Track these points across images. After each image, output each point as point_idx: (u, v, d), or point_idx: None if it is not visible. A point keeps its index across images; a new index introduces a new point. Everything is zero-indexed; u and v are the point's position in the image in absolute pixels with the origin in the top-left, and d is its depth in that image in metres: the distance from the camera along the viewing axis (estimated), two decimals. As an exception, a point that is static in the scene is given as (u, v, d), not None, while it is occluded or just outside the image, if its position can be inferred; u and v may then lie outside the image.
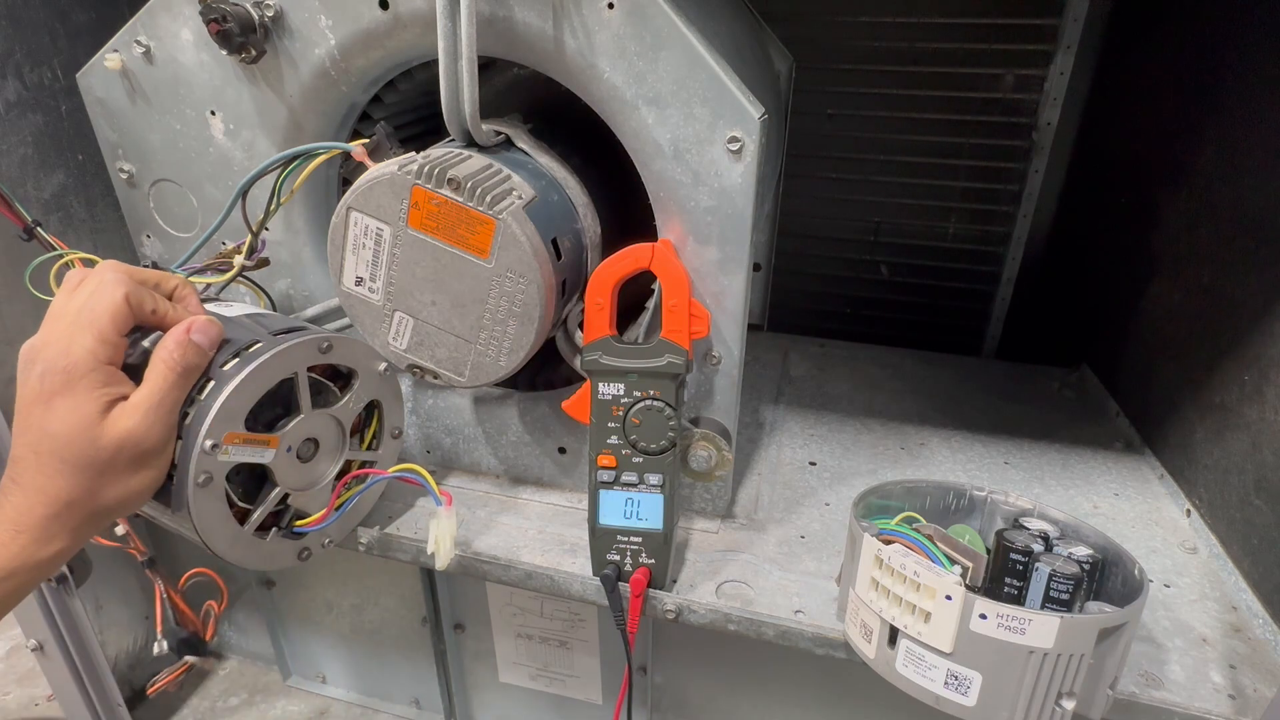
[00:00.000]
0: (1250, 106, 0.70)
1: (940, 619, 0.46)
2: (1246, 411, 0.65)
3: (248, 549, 0.54)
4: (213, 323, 0.50)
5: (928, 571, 0.46)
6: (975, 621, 0.45)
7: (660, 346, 0.55)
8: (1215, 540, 0.67)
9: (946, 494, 0.59)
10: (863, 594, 0.51)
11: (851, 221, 1.17)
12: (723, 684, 0.78)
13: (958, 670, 0.46)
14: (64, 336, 0.45)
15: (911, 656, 0.48)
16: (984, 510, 0.58)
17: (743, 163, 0.53)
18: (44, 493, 0.44)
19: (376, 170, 0.53)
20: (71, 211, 0.77)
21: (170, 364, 0.47)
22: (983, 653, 0.45)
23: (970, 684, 0.46)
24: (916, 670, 0.48)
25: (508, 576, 0.63)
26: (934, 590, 0.46)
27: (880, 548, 0.49)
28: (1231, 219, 0.71)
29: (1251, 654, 0.56)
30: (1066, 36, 0.98)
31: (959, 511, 0.59)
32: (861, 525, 0.52)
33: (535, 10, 0.53)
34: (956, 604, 0.45)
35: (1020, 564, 0.51)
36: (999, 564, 0.52)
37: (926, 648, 0.47)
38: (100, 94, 0.65)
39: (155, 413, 0.46)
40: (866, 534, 0.50)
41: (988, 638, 0.45)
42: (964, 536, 0.54)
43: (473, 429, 0.72)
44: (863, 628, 0.51)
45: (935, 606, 0.46)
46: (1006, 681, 0.46)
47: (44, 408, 0.44)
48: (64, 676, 0.79)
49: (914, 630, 0.47)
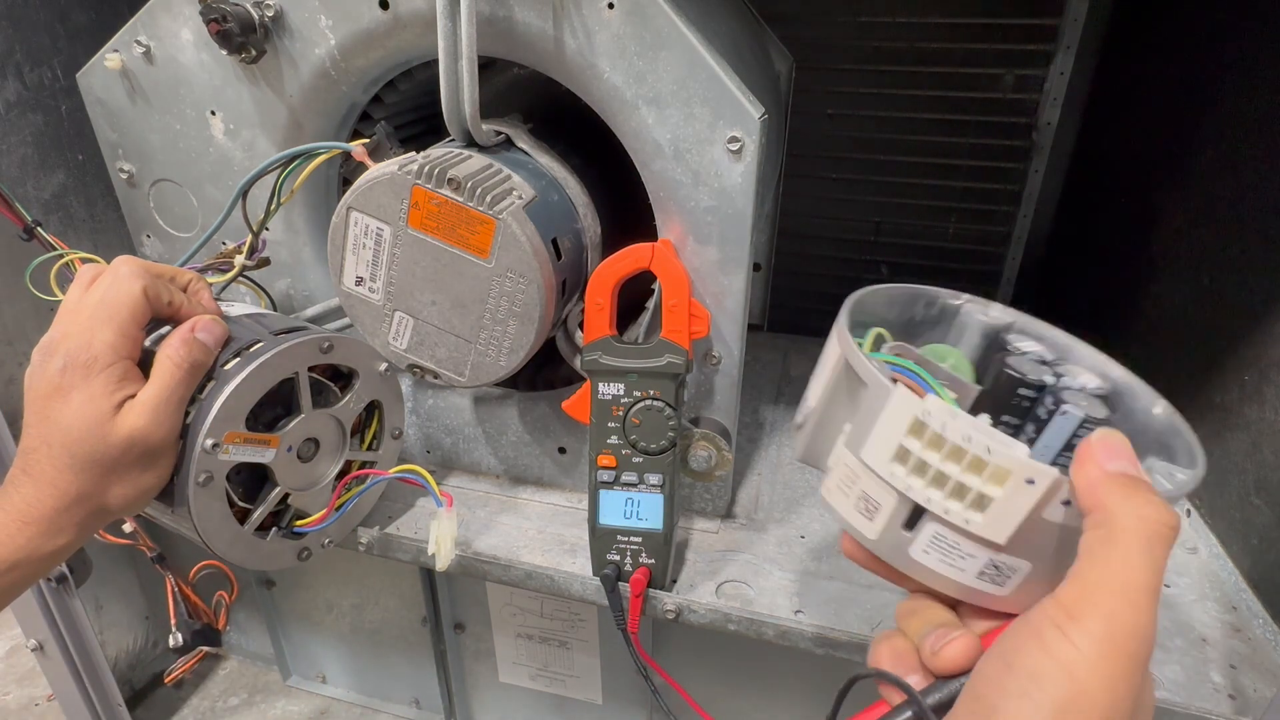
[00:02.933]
0: (1250, 106, 0.70)
1: (1006, 507, 0.33)
2: (1246, 411, 0.65)
3: (248, 549, 0.55)
4: (218, 321, 0.51)
5: (1002, 447, 0.33)
6: (1053, 509, 0.33)
7: (660, 346, 0.55)
8: (1215, 540, 0.67)
9: (917, 301, 0.46)
10: (876, 464, 0.36)
11: (851, 221, 1.16)
12: (723, 684, 0.78)
13: (1003, 561, 0.35)
14: (85, 330, 0.45)
15: (939, 544, 0.36)
16: (954, 322, 0.47)
17: (743, 163, 0.53)
18: (54, 486, 0.44)
19: (376, 170, 0.53)
20: (71, 211, 0.77)
21: (176, 361, 0.47)
22: (1044, 543, 0.34)
23: (1013, 575, 0.35)
24: (943, 560, 0.36)
25: (508, 576, 0.63)
26: (1008, 473, 0.33)
27: (926, 408, 0.34)
28: (1231, 219, 0.71)
29: (1251, 654, 0.56)
30: (1066, 36, 0.98)
31: (925, 323, 0.47)
32: (874, 365, 0.37)
33: (535, 10, 0.53)
34: (1037, 490, 0.33)
35: (1028, 400, 0.40)
36: (998, 398, 0.41)
37: (969, 537, 0.35)
38: (100, 94, 0.65)
39: (162, 410, 0.46)
40: (898, 387, 0.35)
41: (1057, 525, 0.33)
42: (946, 360, 0.43)
43: (473, 429, 0.72)
44: (864, 501, 0.38)
45: (1005, 493, 0.33)
46: (1057, 570, 0.33)
47: (61, 400, 0.44)
48: (64, 676, 0.79)
49: (958, 517, 0.34)
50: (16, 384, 0.74)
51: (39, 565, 0.45)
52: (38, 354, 0.46)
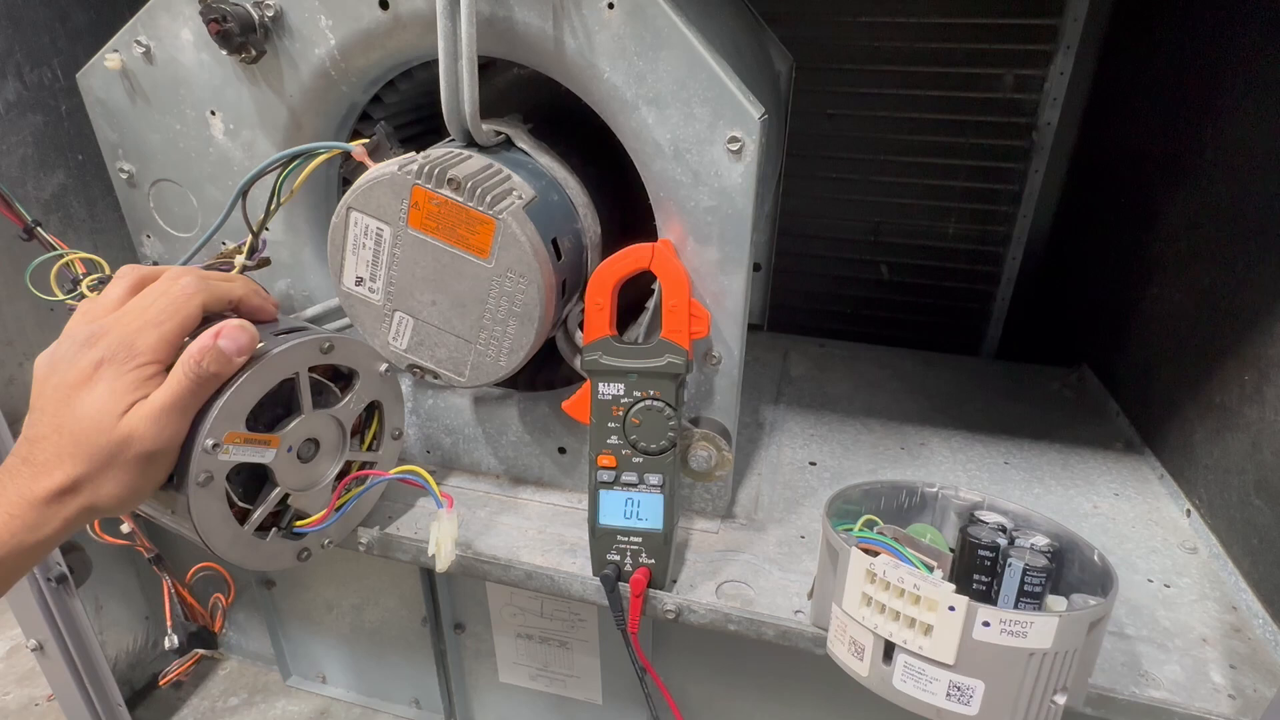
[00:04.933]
0: (1250, 106, 0.70)
1: (943, 631, 0.44)
2: (1246, 412, 0.65)
3: (247, 549, 0.54)
4: (244, 328, 0.48)
5: (927, 584, 0.45)
6: (979, 630, 0.44)
7: (660, 346, 0.55)
8: (1215, 540, 0.67)
9: (900, 493, 0.58)
10: (852, 610, 0.49)
11: (851, 221, 1.17)
12: (723, 684, 0.78)
13: (960, 681, 0.45)
14: (133, 333, 0.45)
15: (910, 671, 0.47)
16: (935, 506, 0.58)
17: (743, 163, 0.53)
18: (51, 475, 0.44)
19: (376, 170, 0.53)
20: (71, 211, 0.77)
21: (189, 369, 0.46)
22: (985, 661, 0.45)
23: (973, 693, 0.45)
24: (916, 685, 0.47)
25: (508, 576, 0.63)
26: (935, 602, 0.44)
27: (871, 562, 0.47)
28: (1232, 219, 0.71)
29: (1251, 654, 0.56)
30: (1066, 36, 0.98)
31: (912, 509, 0.58)
32: (842, 537, 0.50)
33: (535, 10, 0.53)
34: (960, 615, 0.44)
35: (988, 560, 0.50)
36: (966, 561, 0.51)
37: (927, 661, 0.46)
38: (100, 94, 0.65)
39: (166, 416, 0.45)
40: (853, 549, 0.48)
41: (990, 645, 0.44)
42: (925, 536, 0.54)
43: (473, 429, 0.72)
44: (852, 645, 0.50)
45: (937, 619, 0.44)
46: (1008, 686, 0.45)
47: (87, 390, 0.44)
48: (64, 676, 0.79)
49: (914, 645, 0.46)
50: (16, 384, 0.74)
51: (21, 559, 0.44)
52: (71, 344, 0.45)
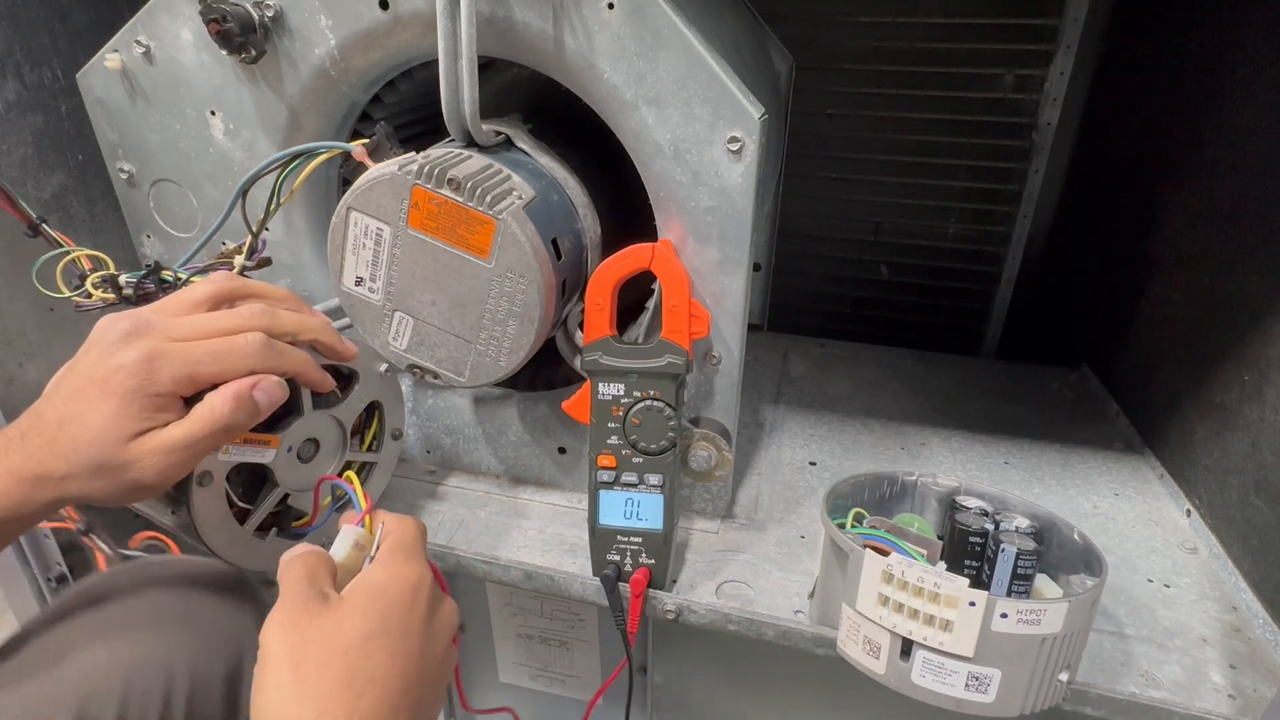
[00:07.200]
0: (1250, 106, 0.70)
1: (963, 626, 0.46)
2: (1246, 412, 0.65)
3: (247, 549, 0.54)
4: (281, 386, 0.47)
5: (947, 581, 0.46)
6: (997, 622, 0.45)
7: (660, 346, 0.55)
8: (1215, 540, 0.67)
9: (881, 483, 0.59)
10: (867, 611, 0.50)
11: (851, 221, 1.16)
12: (723, 684, 0.78)
13: (979, 671, 0.47)
14: (169, 355, 0.42)
15: (930, 666, 0.48)
16: (915, 494, 0.59)
17: (743, 163, 0.53)
18: (42, 465, 0.42)
19: (376, 170, 0.53)
20: (71, 211, 0.77)
21: (214, 415, 0.43)
22: (1003, 650, 0.46)
23: (991, 682, 0.47)
24: (936, 679, 0.48)
25: (508, 576, 0.63)
26: (955, 599, 0.46)
27: (887, 563, 0.48)
28: (1232, 218, 0.71)
29: (1251, 654, 0.56)
30: (1066, 36, 0.98)
31: (893, 498, 0.59)
32: (850, 538, 0.51)
33: (535, 10, 0.53)
34: (979, 609, 0.45)
35: (978, 545, 0.51)
36: (956, 548, 0.52)
37: (947, 655, 0.47)
38: (100, 94, 0.65)
39: (176, 454, 0.42)
40: (866, 551, 0.49)
41: (1008, 635, 0.46)
42: (913, 525, 0.55)
43: (473, 429, 0.72)
44: (867, 644, 0.51)
45: (958, 614, 0.46)
46: (1022, 672, 0.47)
47: (99, 395, 0.41)
48: (64, 676, 0.79)
49: (934, 641, 0.47)
50: (16, 384, 0.74)
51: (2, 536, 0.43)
52: (118, 335, 0.42)
